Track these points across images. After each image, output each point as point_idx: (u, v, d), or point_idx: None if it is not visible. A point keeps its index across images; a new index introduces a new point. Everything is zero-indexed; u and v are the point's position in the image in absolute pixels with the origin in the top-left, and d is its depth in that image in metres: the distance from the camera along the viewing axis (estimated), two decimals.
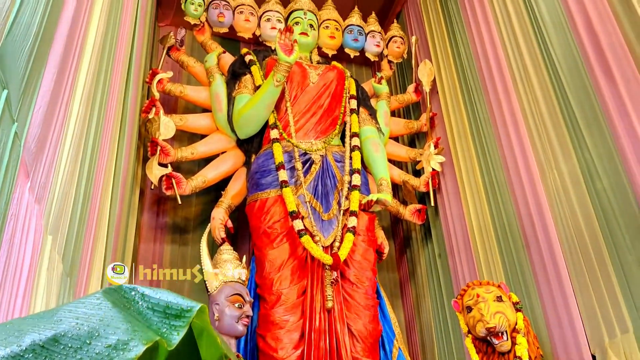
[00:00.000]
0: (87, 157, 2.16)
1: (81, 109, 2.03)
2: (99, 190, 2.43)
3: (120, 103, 2.93)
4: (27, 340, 0.54)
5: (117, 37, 2.71)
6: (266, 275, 3.30)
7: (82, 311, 0.60)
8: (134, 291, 0.63)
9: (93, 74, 2.20)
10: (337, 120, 3.83)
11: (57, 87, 1.73)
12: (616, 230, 2.57)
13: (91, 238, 2.26)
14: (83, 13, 2.09)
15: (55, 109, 1.72)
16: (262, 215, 3.46)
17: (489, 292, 2.64)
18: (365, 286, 3.36)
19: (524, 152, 3.18)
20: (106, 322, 0.57)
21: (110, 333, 0.56)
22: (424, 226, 4.13)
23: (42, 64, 1.60)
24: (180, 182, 3.60)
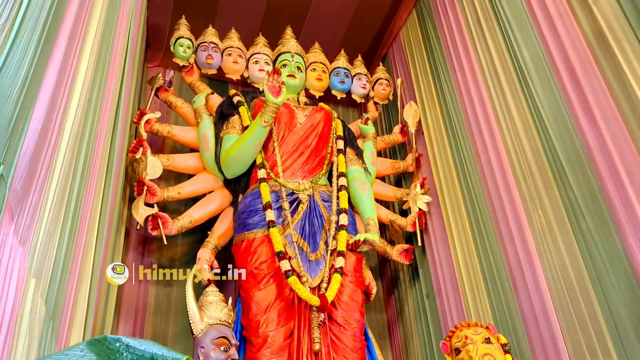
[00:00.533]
0: (73, 198, 2.14)
1: (68, 149, 2.03)
2: (84, 231, 2.41)
3: (107, 143, 2.93)
4: None
5: (106, 78, 2.73)
6: (252, 317, 3.25)
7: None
8: (119, 342, 0.62)
9: (81, 115, 2.21)
10: (324, 160, 3.86)
11: (45, 128, 1.73)
12: (601, 269, 2.58)
13: (75, 280, 2.22)
14: (73, 54, 2.10)
15: (43, 150, 1.71)
16: (248, 256, 3.43)
17: (477, 333, 2.62)
18: (353, 328, 3.32)
19: (509, 192, 3.21)
20: None
21: None
22: (412, 266, 4.12)
23: (30, 106, 1.60)
24: (167, 223, 3.58)
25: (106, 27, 2.66)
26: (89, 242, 2.53)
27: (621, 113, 2.56)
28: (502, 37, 3.46)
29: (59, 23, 1.99)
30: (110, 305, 3.11)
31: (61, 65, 1.90)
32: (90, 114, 2.41)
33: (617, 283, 2.50)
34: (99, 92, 2.57)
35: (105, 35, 2.62)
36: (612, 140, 2.58)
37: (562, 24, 2.94)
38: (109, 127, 2.95)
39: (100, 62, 2.59)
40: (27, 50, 1.55)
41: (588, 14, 2.79)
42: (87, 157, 2.34)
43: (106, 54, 2.73)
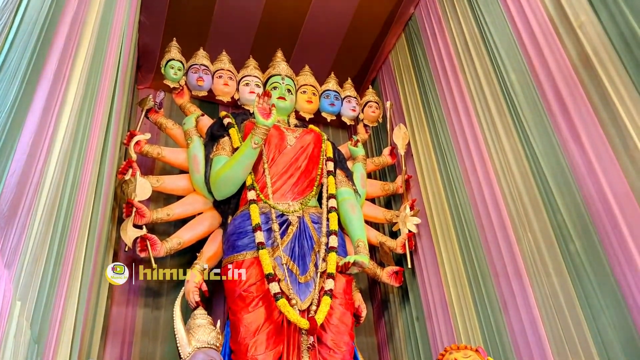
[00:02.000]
0: (61, 220, 2.13)
1: (56, 171, 2.02)
2: (71, 253, 2.38)
3: (97, 164, 2.92)
4: None
5: (96, 99, 2.73)
6: (241, 340, 3.21)
7: None
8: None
9: (70, 136, 2.20)
10: (314, 182, 3.86)
11: (33, 151, 1.72)
12: (590, 292, 2.59)
13: (62, 303, 2.19)
14: (62, 76, 2.11)
15: (30, 173, 1.71)
16: None
17: (467, 356, 2.61)
18: (342, 351, 3.29)
19: (498, 214, 3.23)
20: None
21: None
22: (402, 288, 4.11)
23: (18, 128, 1.60)
24: (155, 244, 3.55)
25: (97, 48, 2.67)
26: (77, 264, 2.51)
27: (607, 136, 2.59)
28: (489, 60, 3.51)
29: (49, 44, 2.00)
30: (97, 328, 3.07)
31: (50, 87, 1.90)
32: (80, 135, 2.41)
33: (606, 305, 2.51)
34: (88, 114, 2.56)
35: (96, 57, 2.63)
36: (599, 163, 2.61)
37: (549, 48, 2.99)
38: (98, 148, 2.94)
39: (90, 84, 2.59)
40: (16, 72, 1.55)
41: (574, 38, 2.84)
42: (75, 178, 2.33)
43: (96, 75, 2.74)
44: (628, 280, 2.39)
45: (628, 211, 2.43)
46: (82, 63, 2.35)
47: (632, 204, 2.41)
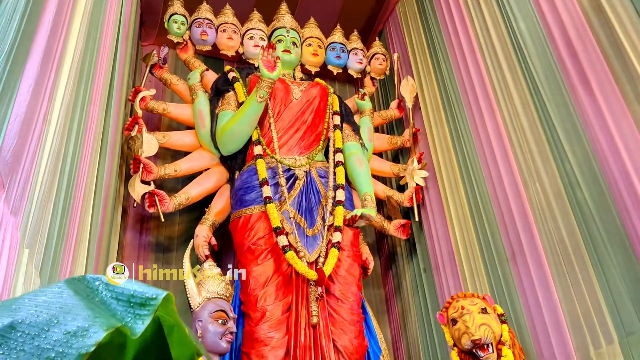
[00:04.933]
0: (66, 172, 2.13)
1: (59, 123, 2.01)
2: (78, 205, 2.40)
3: (101, 120, 2.91)
4: None
5: (98, 53, 2.70)
6: (250, 292, 3.27)
7: (42, 299, 0.58)
8: (98, 281, 0.61)
9: (72, 87, 2.19)
10: (321, 136, 3.84)
11: (34, 99, 1.71)
12: (599, 241, 2.58)
13: (70, 254, 2.22)
14: (60, 27, 2.08)
15: (32, 121, 1.70)
16: (246, 232, 3.44)
17: (474, 304, 2.63)
18: (350, 301, 3.34)
19: (506, 165, 3.20)
20: (66, 310, 0.55)
21: (70, 320, 0.54)
22: (409, 241, 4.12)
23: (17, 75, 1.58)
24: (164, 200, 3.57)
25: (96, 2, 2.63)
26: (84, 218, 2.53)
27: (618, 84, 2.54)
28: (498, 10, 3.42)
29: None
30: None
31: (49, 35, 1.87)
32: (82, 88, 2.39)
33: (614, 254, 2.50)
34: (90, 66, 2.54)
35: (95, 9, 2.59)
36: (610, 112, 2.56)
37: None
38: (102, 103, 2.93)
39: (91, 37, 2.56)
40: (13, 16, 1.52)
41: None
42: (79, 133, 2.32)
43: (97, 29, 2.70)
44: (636, 229, 2.37)
45: (638, 160, 2.40)
46: (81, 13, 2.31)
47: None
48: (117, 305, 0.58)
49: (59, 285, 0.60)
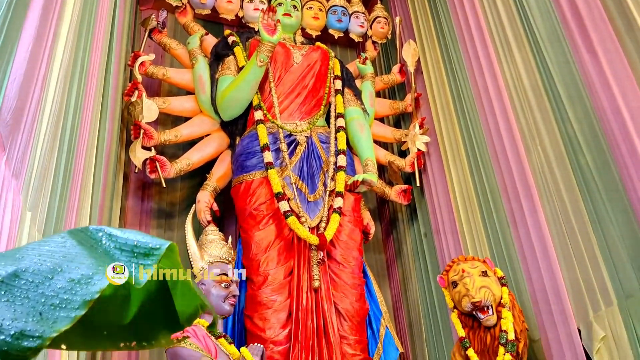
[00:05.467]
0: (67, 136, 2.13)
1: (59, 86, 1.99)
2: (80, 170, 2.40)
3: (100, 85, 2.89)
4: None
5: (95, 17, 2.66)
6: (253, 256, 3.29)
7: (46, 249, 0.59)
8: (101, 232, 0.61)
9: (71, 50, 2.16)
10: (322, 101, 3.81)
11: (33, 60, 1.69)
12: (600, 204, 2.59)
13: (73, 218, 2.23)
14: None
15: (32, 82, 1.68)
16: (247, 197, 3.45)
17: (474, 267, 2.65)
18: (351, 265, 3.37)
19: (509, 129, 3.18)
20: (70, 259, 0.56)
21: (74, 268, 0.55)
22: (410, 206, 4.13)
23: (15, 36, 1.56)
24: (165, 165, 3.57)
25: None
26: (86, 183, 2.53)
27: (622, 46, 2.51)
28: None
29: None
30: None
31: None
32: (80, 52, 2.36)
33: (615, 217, 2.51)
34: (88, 31, 2.50)
35: None
36: (612, 72, 2.54)
37: None
38: (101, 68, 2.90)
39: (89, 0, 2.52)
40: None
41: None
42: (79, 95, 2.31)
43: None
44: (637, 192, 2.37)
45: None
46: None
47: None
48: (121, 256, 0.58)
49: (62, 236, 0.60)
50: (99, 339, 0.65)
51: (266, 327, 3.09)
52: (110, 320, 0.66)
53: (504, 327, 2.56)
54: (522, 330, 2.61)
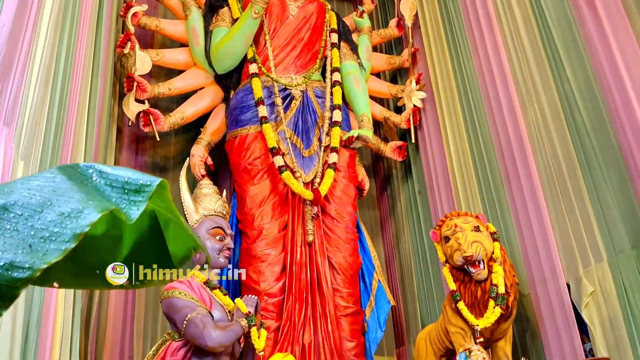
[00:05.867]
0: (58, 86, 2.10)
1: (49, 34, 1.95)
2: (72, 121, 2.38)
3: (92, 36, 2.83)
4: None
5: None
6: (247, 210, 3.31)
7: (35, 184, 0.58)
8: (92, 169, 0.61)
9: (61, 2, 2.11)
10: (318, 55, 3.75)
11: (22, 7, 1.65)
12: (594, 162, 2.59)
13: None
14: None
15: (21, 30, 1.65)
16: (242, 152, 3.44)
17: (467, 222, 2.67)
18: (345, 221, 3.40)
19: (505, 85, 3.16)
20: (59, 193, 0.55)
21: (63, 202, 0.54)
22: (405, 163, 4.14)
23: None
24: (159, 119, 3.54)
25: None
26: (79, 135, 2.51)
27: (623, 2, 2.47)
28: None
29: None
30: None
31: None
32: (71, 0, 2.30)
33: (608, 174, 2.51)
34: None
35: None
36: (613, 31, 2.50)
37: None
38: (92, 18, 2.84)
39: None
40: None
41: None
42: (70, 44, 2.26)
43: None
44: (632, 150, 2.37)
45: (638, 81, 2.36)
46: None
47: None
48: (112, 192, 0.57)
49: (52, 171, 0.60)
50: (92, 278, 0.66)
51: (260, 280, 3.13)
52: (102, 260, 0.66)
53: (494, 281, 2.59)
54: (512, 285, 2.65)
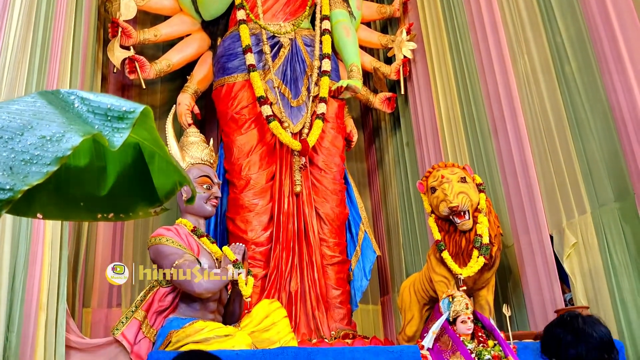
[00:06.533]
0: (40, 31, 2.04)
1: None
2: (55, 66, 2.33)
3: None
4: None
5: None
6: (235, 160, 3.30)
7: (15, 108, 0.57)
8: (73, 95, 0.59)
9: None
10: (307, 2, 3.67)
11: None
12: (581, 115, 2.59)
13: None
14: None
15: None
16: (229, 101, 3.40)
17: (454, 173, 2.68)
18: (333, 172, 3.40)
19: (496, 36, 3.12)
20: (40, 117, 0.54)
21: (45, 126, 0.53)
22: (393, 115, 4.12)
23: None
24: (144, 66, 3.48)
25: None
26: (62, 81, 2.45)
27: None
28: None
29: None
30: None
31: None
32: None
33: (595, 127, 2.51)
34: None
35: None
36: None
37: None
38: None
39: None
40: None
41: None
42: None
43: None
44: (620, 103, 2.36)
45: (631, 36, 2.34)
46: None
47: (636, 30, 2.31)
48: (94, 119, 0.56)
49: (32, 96, 0.58)
50: (76, 210, 0.65)
51: (248, 229, 3.15)
52: (86, 192, 0.65)
53: (479, 232, 2.62)
54: (496, 235, 2.68)
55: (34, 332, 2.13)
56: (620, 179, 2.37)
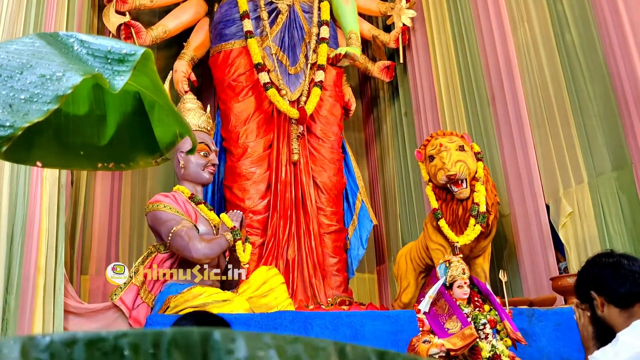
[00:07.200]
0: None
1: None
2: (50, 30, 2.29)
3: None
4: None
5: None
6: (232, 128, 3.28)
7: (14, 47, 0.56)
8: (72, 38, 0.58)
9: None
10: None
11: None
12: (581, 84, 2.58)
13: None
14: None
15: None
16: (226, 68, 3.36)
17: (452, 141, 2.67)
18: (331, 141, 3.39)
19: (496, 4, 3.09)
20: (39, 57, 0.53)
21: (44, 65, 0.52)
22: (392, 84, 4.09)
23: None
24: (140, 32, 3.43)
25: None
26: None
27: None
28: None
29: None
30: None
31: None
32: None
33: (595, 97, 2.51)
34: None
35: None
36: None
37: None
38: None
39: None
40: None
41: None
42: None
43: None
44: (620, 73, 2.35)
45: (632, 4, 2.32)
46: None
47: None
48: (94, 62, 0.55)
49: (31, 37, 0.57)
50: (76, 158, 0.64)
51: (245, 197, 3.15)
52: (86, 141, 0.65)
53: (476, 200, 2.63)
54: (493, 204, 2.69)
55: (33, 295, 2.14)
56: (619, 148, 2.37)
